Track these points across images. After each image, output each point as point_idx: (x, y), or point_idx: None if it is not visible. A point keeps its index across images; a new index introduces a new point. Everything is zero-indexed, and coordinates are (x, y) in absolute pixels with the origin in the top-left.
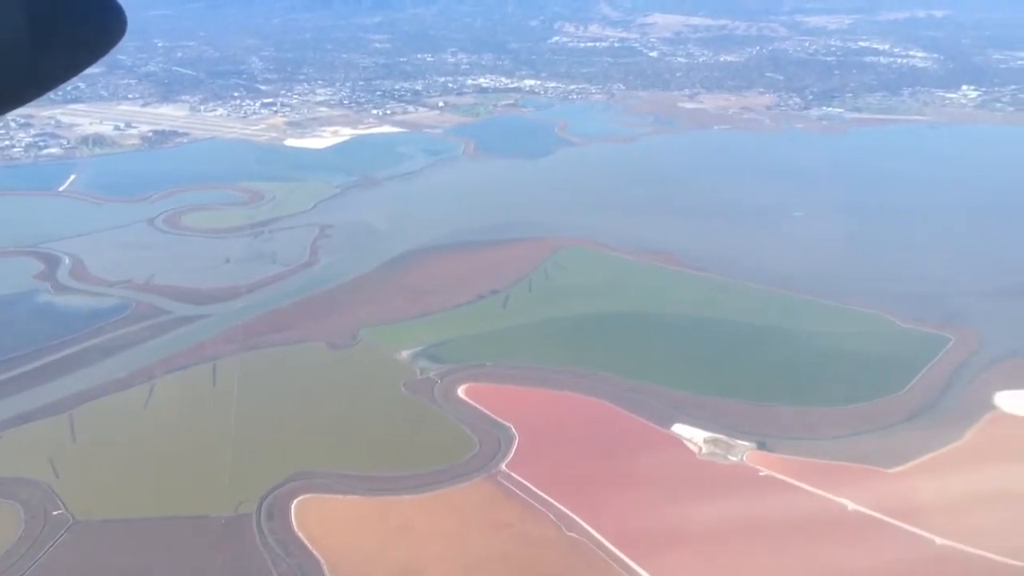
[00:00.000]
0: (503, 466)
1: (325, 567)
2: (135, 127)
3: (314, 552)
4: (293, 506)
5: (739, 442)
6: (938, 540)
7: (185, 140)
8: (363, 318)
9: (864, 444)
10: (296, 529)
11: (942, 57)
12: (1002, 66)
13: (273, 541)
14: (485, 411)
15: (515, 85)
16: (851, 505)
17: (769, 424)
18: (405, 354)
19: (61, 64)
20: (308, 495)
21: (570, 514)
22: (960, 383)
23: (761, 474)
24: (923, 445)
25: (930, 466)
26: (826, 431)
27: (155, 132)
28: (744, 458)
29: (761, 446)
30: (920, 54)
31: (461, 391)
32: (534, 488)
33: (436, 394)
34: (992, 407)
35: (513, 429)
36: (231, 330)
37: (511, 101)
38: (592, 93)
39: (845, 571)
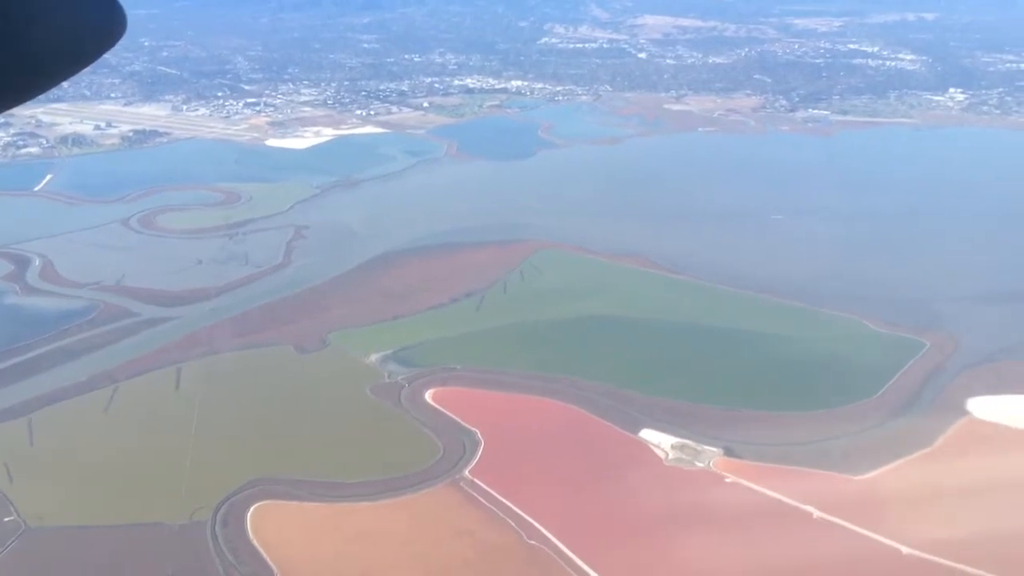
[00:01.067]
0: (466, 472)
1: (278, 575)
2: (116, 127)
3: (268, 560)
4: (249, 513)
5: (707, 448)
6: (904, 550)
7: (165, 140)
8: (334, 321)
9: (833, 450)
10: (251, 537)
11: (930, 60)
12: (990, 69)
13: (226, 549)
14: (452, 416)
15: (502, 86)
16: (817, 513)
17: (738, 429)
18: (374, 358)
19: (60, 62)
20: (265, 502)
21: (532, 521)
22: (934, 388)
23: (727, 480)
24: (893, 451)
25: (900, 473)
26: (795, 437)
27: (135, 132)
28: (711, 464)
29: (729, 452)
30: (909, 56)
31: (428, 395)
32: (497, 495)
33: (403, 399)
34: (965, 413)
35: (479, 434)
36: (198, 333)
37: (497, 102)
38: (579, 94)
39: None
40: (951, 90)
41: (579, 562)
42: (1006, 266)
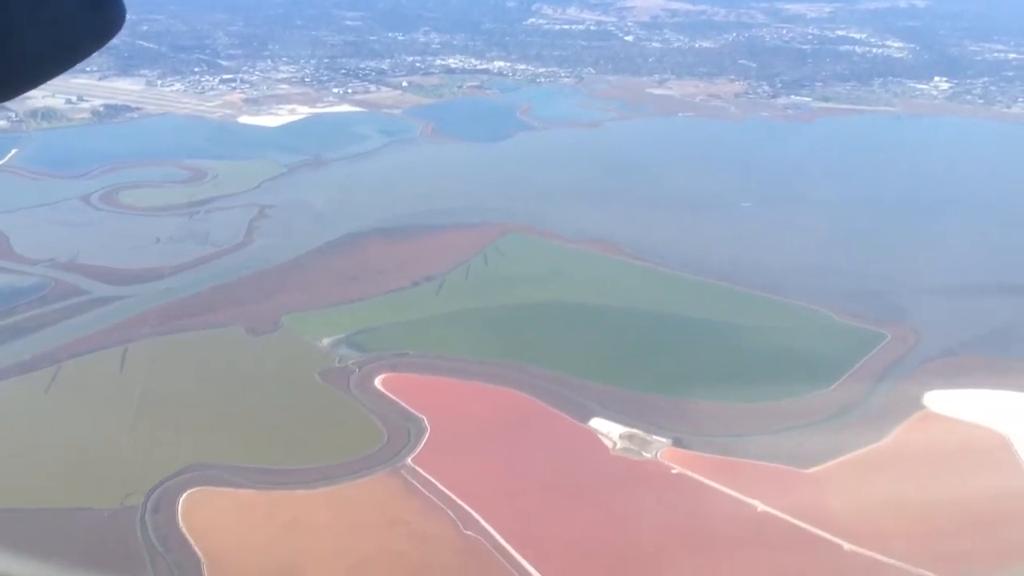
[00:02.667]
0: (409, 460)
1: (204, 563)
2: (87, 101)
3: (195, 548)
4: (182, 500)
5: (656, 438)
6: (846, 545)
7: (136, 115)
8: (289, 303)
9: (784, 442)
10: (181, 524)
11: (918, 47)
12: (977, 58)
13: (154, 536)
14: (400, 402)
15: (484, 67)
16: (761, 506)
17: (690, 420)
18: (327, 341)
19: (58, 55)
20: (199, 488)
21: (470, 511)
22: (891, 381)
23: (673, 472)
24: (844, 445)
25: (849, 466)
26: (746, 428)
27: (107, 106)
28: (658, 455)
29: (678, 442)
30: (896, 44)
31: (378, 381)
32: (437, 484)
33: (351, 384)
34: (921, 406)
35: (426, 421)
36: (149, 313)
37: (477, 83)
38: (561, 77)
39: None
40: (936, 79)
41: (514, 553)
42: (976, 259)
